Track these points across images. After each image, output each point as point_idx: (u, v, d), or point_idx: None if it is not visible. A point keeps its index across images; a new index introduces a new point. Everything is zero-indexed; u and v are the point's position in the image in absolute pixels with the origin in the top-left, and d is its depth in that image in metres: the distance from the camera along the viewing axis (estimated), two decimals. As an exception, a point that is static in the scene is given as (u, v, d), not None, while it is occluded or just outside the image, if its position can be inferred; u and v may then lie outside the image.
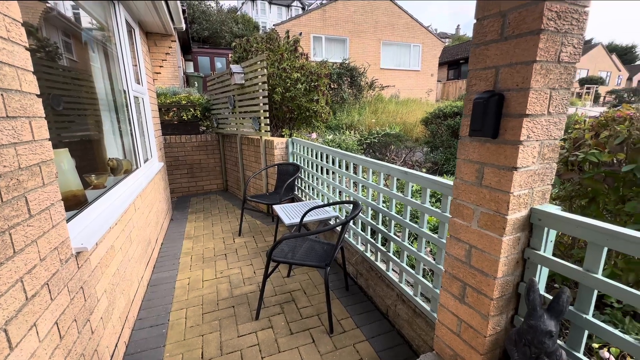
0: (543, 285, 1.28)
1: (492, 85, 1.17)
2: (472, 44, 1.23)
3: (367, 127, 8.60)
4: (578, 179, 1.70)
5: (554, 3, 0.99)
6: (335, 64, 11.40)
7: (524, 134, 1.09)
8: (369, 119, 9.49)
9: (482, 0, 1.17)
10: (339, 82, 10.73)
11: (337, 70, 10.74)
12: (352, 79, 11.00)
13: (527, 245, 1.27)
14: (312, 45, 14.35)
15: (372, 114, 10.29)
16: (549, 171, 1.22)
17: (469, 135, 1.24)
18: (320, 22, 14.35)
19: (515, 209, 1.18)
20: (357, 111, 10.32)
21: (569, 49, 1.08)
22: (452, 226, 1.43)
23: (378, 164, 2.29)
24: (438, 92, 20.28)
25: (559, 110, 1.15)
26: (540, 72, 1.05)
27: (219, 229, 4.13)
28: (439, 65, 21.23)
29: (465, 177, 1.33)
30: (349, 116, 9.74)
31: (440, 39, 17.91)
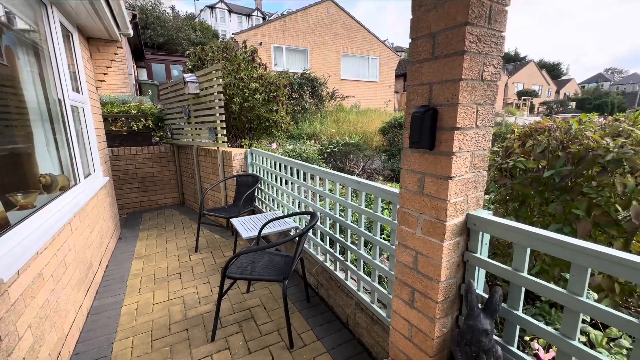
0: (482, 286, 1.37)
1: (427, 101, 1.25)
2: (409, 61, 1.31)
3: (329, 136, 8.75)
4: (510, 184, 1.87)
5: (474, 28, 1.09)
6: (296, 74, 11.51)
7: (456, 145, 1.18)
8: (331, 128, 9.67)
9: (415, 22, 1.25)
10: (300, 92, 10.84)
11: (298, 81, 10.85)
12: (313, 89, 11.17)
13: (466, 248, 1.36)
14: (273, 55, 14.38)
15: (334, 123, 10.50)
16: (480, 179, 1.32)
17: (409, 147, 1.31)
18: (280, 33, 14.46)
19: (453, 215, 1.26)
20: (319, 120, 10.47)
21: (490, 69, 1.19)
22: (399, 234, 1.49)
23: (333, 174, 2.32)
24: (396, 103, 21.33)
25: (486, 124, 1.26)
26: (467, 89, 1.14)
27: (174, 246, 3.89)
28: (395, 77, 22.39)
29: (409, 187, 1.39)
30: (311, 125, 9.85)
31: (396, 53, 18.95)
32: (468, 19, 1.06)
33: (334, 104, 12.72)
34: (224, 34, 37.70)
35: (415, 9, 1.25)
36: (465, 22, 1.07)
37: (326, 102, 12.01)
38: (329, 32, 15.51)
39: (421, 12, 1.22)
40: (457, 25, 1.10)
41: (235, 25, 42.53)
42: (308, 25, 14.94)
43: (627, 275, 0.88)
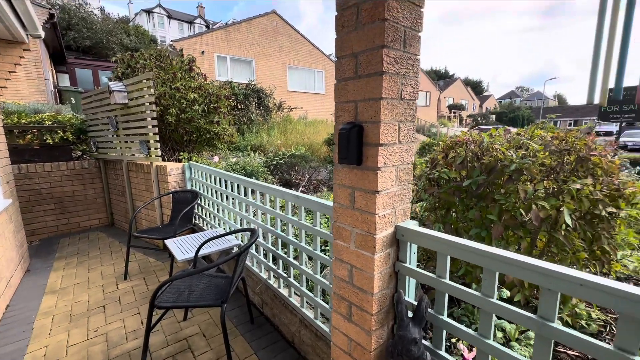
0: (412, 294, 1.43)
1: (353, 117, 1.28)
2: (336, 78, 1.34)
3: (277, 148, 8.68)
4: (437, 193, 2.01)
5: (390, 50, 1.15)
6: (241, 84, 11.28)
7: (381, 160, 1.22)
8: (279, 139, 9.61)
9: (339, 42, 1.29)
10: (246, 102, 10.63)
11: (244, 91, 10.65)
12: (259, 100, 11.04)
13: (397, 259, 1.41)
14: (216, 64, 13.93)
15: (282, 135, 10.47)
16: (406, 191, 1.39)
17: (339, 162, 1.33)
18: (224, 42, 14.11)
19: (382, 228, 1.30)
20: (267, 132, 10.35)
21: (408, 89, 1.28)
22: (335, 248, 1.49)
23: (273, 188, 2.27)
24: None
25: (408, 139, 1.34)
26: (388, 107, 1.20)
27: (98, 275, 3.43)
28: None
29: (341, 201, 1.41)
30: (258, 137, 9.68)
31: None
32: (384, 42, 1.12)
33: (281, 115, 12.72)
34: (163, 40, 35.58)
35: (338, 30, 1.29)
36: (382, 45, 1.13)
37: (273, 113, 11.96)
38: (274, 44, 15.59)
39: (344, 33, 1.27)
40: (375, 47, 1.15)
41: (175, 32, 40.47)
42: (253, 36, 14.84)
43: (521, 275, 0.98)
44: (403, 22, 1.18)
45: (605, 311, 1.89)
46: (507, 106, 46.83)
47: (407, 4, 1.19)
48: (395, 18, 1.15)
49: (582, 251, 1.67)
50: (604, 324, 1.82)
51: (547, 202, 1.61)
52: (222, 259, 1.97)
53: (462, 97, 39.62)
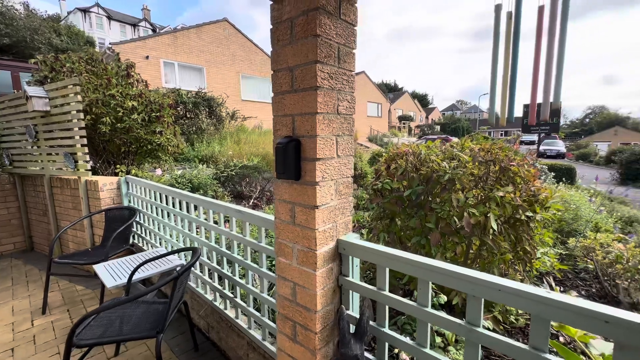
0: (357, 308, 1.42)
1: (291, 131, 1.26)
2: (273, 92, 1.31)
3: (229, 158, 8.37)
4: (381, 203, 2.07)
5: (324, 66, 1.16)
6: (190, 92, 10.77)
7: (319, 175, 1.21)
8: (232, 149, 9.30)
9: (275, 56, 1.27)
10: (195, 111, 10.15)
11: (193, 99, 10.17)
12: (210, 109, 10.62)
13: (340, 273, 1.40)
14: (163, 71, 13.15)
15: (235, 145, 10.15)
16: (347, 205, 1.39)
17: (277, 177, 1.29)
18: (172, 48, 13.41)
19: (323, 243, 1.28)
20: (219, 142, 9.96)
21: (344, 103, 1.29)
22: (278, 266, 1.44)
23: (216, 204, 2.15)
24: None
25: (347, 153, 1.35)
26: (324, 122, 1.20)
27: (8, 311, 2.92)
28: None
29: (282, 217, 1.36)
30: (210, 147, 9.26)
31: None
32: (318, 57, 1.13)
33: (235, 124, 12.37)
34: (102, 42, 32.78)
35: (274, 43, 1.27)
36: (315, 60, 1.13)
37: (226, 122, 11.57)
38: (226, 52, 15.23)
39: (279, 47, 1.25)
40: (309, 62, 1.15)
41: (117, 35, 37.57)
42: (203, 43, 14.34)
43: (450, 284, 1.03)
44: (336, 39, 1.20)
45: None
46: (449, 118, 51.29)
47: (340, 22, 1.21)
48: (328, 35, 1.16)
49: (507, 253, 1.83)
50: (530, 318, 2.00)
51: (477, 209, 1.74)
52: (158, 284, 1.79)
53: (411, 109, 42.42)
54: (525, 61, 1.38)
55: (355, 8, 1.28)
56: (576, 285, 2.75)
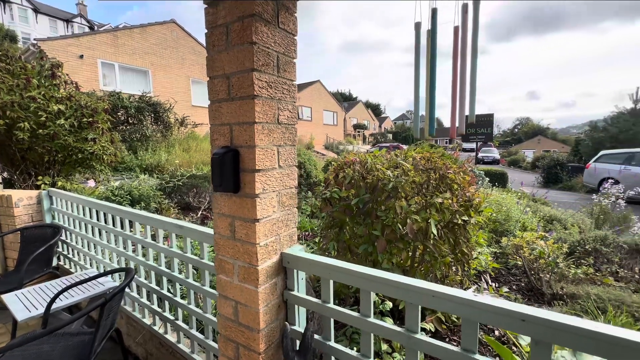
0: (304, 324, 1.38)
1: (229, 141, 1.20)
2: (210, 99, 1.24)
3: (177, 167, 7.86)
4: (330, 212, 2.07)
5: (262, 74, 1.13)
6: (133, 96, 9.98)
7: (259, 187, 1.16)
8: (181, 158, 8.76)
9: (210, 61, 1.20)
10: (139, 117, 9.41)
11: (136, 104, 9.42)
12: (156, 114, 9.93)
13: (286, 287, 1.35)
14: (100, 72, 12.03)
15: (185, 153, 9.59)
16: (291, 216, 1.36)
17: (214, 190, 1.21)
18: (111, 48, 12.35)
19: (265, 257, 1.22)
20: (166, 149, 9.33)
21: (286, 113, 1.27)
22: (219, 284, 1.34)
23: (152, 218, 1.97)
24: (254, 131, 21.78)
25: (289, 163, 1.32)
26: (263, 131, 1.16)
27: None
28: (252, 106, 23.04)
29: (222, 232, 1.28)
30: (155, 155, 8.62)
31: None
32: (254, 65, 1.09)
33: (185, 131, 11.72)
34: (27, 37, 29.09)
35: (209, 48, 1.20)
36: (252, 68, 1.09)
37: (175, 129, 10.91)
38: (174, 56, 14.46)
39: (215, 52, 1.19)
40: (246, 70, 1.10)
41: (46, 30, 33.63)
42: (148, 44, 13.45)
43: (389, 292, 1.04)
44: (275, 47, 1.18)
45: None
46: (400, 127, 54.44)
47: (279, 30, 1.19)
48: (266, 42, 1.13)
49: (447, 256, 1.95)
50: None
51: (419, 215, 1.82)
52: (81, 312, 1.58)
53: (365, 117, 44.15)
54: (447, 77, 1.50)
55: (295, 18, 1.28)
56: (509, 281, 3.02)
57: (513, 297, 2.63)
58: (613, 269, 3.10)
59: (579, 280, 2.87)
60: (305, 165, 5.48)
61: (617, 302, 2.37)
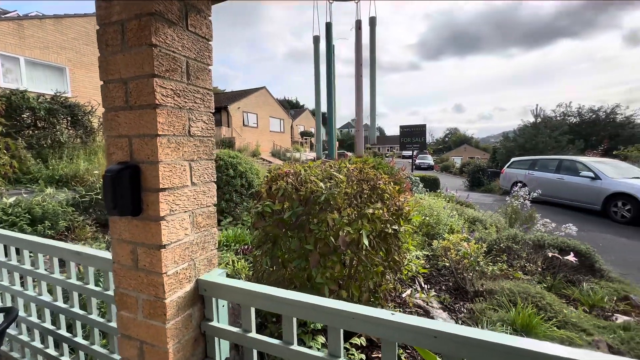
0: (224, 358, 1.25)
1: (129, 156, 1.03)
2: (104, 107, 1.06)
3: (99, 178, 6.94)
4: (263, 227, 1.97)
5: (167, 81, 1.00)
6: (43, 96, 8.62)
7: (165, 208, 1.01)
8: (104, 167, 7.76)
9: (104, 63, 1.03)
10: (51, 120, 8.15)
11: (47, 105, 8.15)
12: (74, 118, 8.70)
13: (204, 317, 1.21)
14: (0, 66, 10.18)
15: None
16: (209, 238, 1.23)
17: (109, 212, 1.03)
18: (15, 39, 10.55)
19: (176, 288, 1.08)
20: (86, 157, 8.21)
21: (199, 124, 1.15)
22: (120, 322, 1.15)
23: (43, 244, 1.64)
24: (195, 137, 20.52)
25: (205, 180, 1.19)
26: (170, 145, 1.02)
27: None
28: (192, 111, 21.71)
29: (123, 260, 1.10)
30: (72, 164, 7.52)
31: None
32: (155, 70, 0.96)
33: (111, 137, 10.46)
34: None
35: (102, 48, 1.03)
36: (152, 74, 0.95)
37: (99, 134, 9.69)
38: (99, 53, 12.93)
39: (109, 53, 1.02)
40: (145, 75, 0.97)
41: None
42: (66, 38, 11.83)
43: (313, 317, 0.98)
44: (183, 52, 1.06)
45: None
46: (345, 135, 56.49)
47: (188, 33, 1.07)
48: (170, 46, 1.00)
49: (379, 265, 1.98)
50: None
51: (352, 226, 1.82)
52: None
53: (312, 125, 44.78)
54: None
55: (209, 22, 1.17)
56: (439, 282, 3.23)
57: (442, 298, 2.80)
58: (522, 264, 3.53)
59: (496, 276, 3.19)
60: (247, 174, 5.26)
61: (524, 294, 2.68)
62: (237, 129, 23.19)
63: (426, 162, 33.10)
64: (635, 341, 2.28)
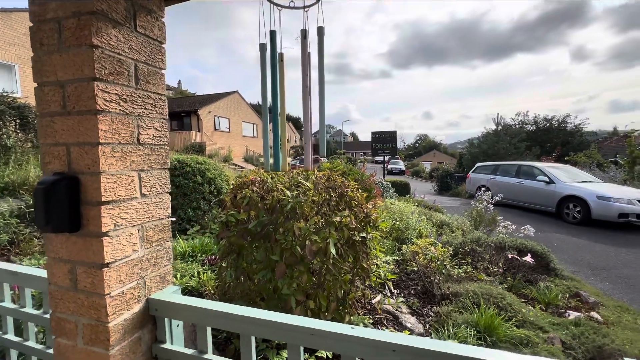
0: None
1: (66, 166, 0.94)
2: (38, 111, 0.96)
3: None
4: (227, 237, 1.89)
5: (110, 85, 0.92)
6: (-13, 96, 7.85)
7: (108, 223, 0.93)
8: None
9: (38, 64, 0.94)
10: (-4, 122, 7.42)
11: (-9, 106, 7.42)
12: (23, 120, 8.00)
13: (155, 340, 1.12)
14: (-64, 62, 9.18)
15: (66, 167, 7.91)
16: (162, 253, 1.15)
17: (41, 228, 0.93)
18: (-45, 33, 9.58)
19: (121, 309, 0.99)
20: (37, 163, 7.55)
21: (150, 132, 1.07)
22: (58, 351, 1.03)
23: (-28, 265, 1.46)
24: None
25: (159, 190, 1.12)
26: (115, 154, 0.94)
27: None
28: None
29: (60, 282, 0.99)
30: (21, 170, 6.87)
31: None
32: (97, 73, 0.88)
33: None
34: None
35: (36, 47, 0.94)
36: (93, 77, 0.88)
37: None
38: (56, 51, 12.07)
39: (44, 53, 0.93)
40: (85, 78, 0.88)
41: None
42: (16, 34, 10.93)
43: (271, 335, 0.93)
44: (131, 54, 0.99)
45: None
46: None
47: (136, 35, 1.00)
48: (115, 48, 0.93)
49: (347, 274, 1.97)
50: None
51: (319, 235, 1.80)
52: None
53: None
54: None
55: (162, 23, 1.11)
56: (408, 286, 3.28)
57: (411, 302, 2.85)
58: (485, 266, 3.69)
59: (462, 278, 3.31)
60: (216, 181, 5.09)
61: (487, 295, 2.79)
62: (208, 133, 22.54)
63: (398, 167, 34.14)
64: (585, 336, 2.45)
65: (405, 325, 2.43)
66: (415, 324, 2.50)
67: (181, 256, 3.36)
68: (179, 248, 3.49)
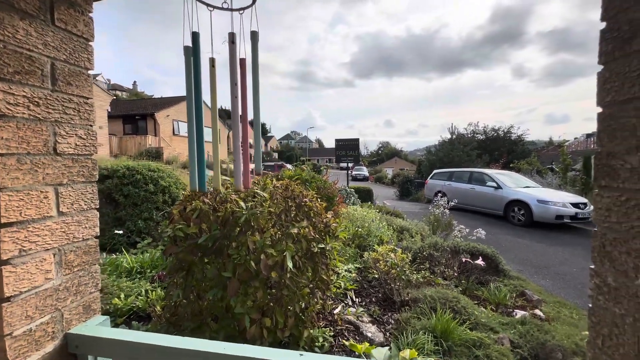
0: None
1: (-45, 181, 0.77)
2: None
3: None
4: (175, 253, 1.74)
5: (17, 86, 0.78)
6: None
7: (11, 249, 0.78)
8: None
9: None
10: None
11: None
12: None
13: (76, 381, 0.96)
14: None
15: None
16: (87, 278, 1.00)
17: None
18: None
19: (27, 351, 0.83)
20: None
21: (72, 140, 0.94)
22: (-59, 407, 0.84)
23: None
24: (114, 146, 18.28)
25: (82, 207, 0.97)
26: (20, 167, 0.80)
27: None
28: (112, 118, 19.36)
29: (-55, 323, 0.81)
30: None
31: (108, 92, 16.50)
32: (-4, 72, 0.74)
33: None
34: None
35: None
36: (-9, 76, 0.74)
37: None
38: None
39: None
40: (-20, 76, 0.74)
41: None
42: None
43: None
44: (46, 51, 0.85)
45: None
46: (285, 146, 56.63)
47: (54, 29, 0.87)
48: (25, 43, 0.80)
49: (305, 287, 1.91)
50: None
51: (275, 248, 1.72)
52: None
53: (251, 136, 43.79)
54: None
55: (89, 19, 0.98)
56: (369, 294, 3.30)
57: (372, 310, 2.85)
58: (442, 270, 3.84)
59: (420, 284, 3.40)
60: (171, 189, 4.77)
61: (443, 299, 2.88)
62: (166, 138, 21.34)
63: (362, 173, 35.08)
64: (530, 334, 2.62)
65: (366, 335, 2.42)
66: (376, 333, 2.50)
67: (127, 273, 3.06)
68: (125, 264, 3.18)
